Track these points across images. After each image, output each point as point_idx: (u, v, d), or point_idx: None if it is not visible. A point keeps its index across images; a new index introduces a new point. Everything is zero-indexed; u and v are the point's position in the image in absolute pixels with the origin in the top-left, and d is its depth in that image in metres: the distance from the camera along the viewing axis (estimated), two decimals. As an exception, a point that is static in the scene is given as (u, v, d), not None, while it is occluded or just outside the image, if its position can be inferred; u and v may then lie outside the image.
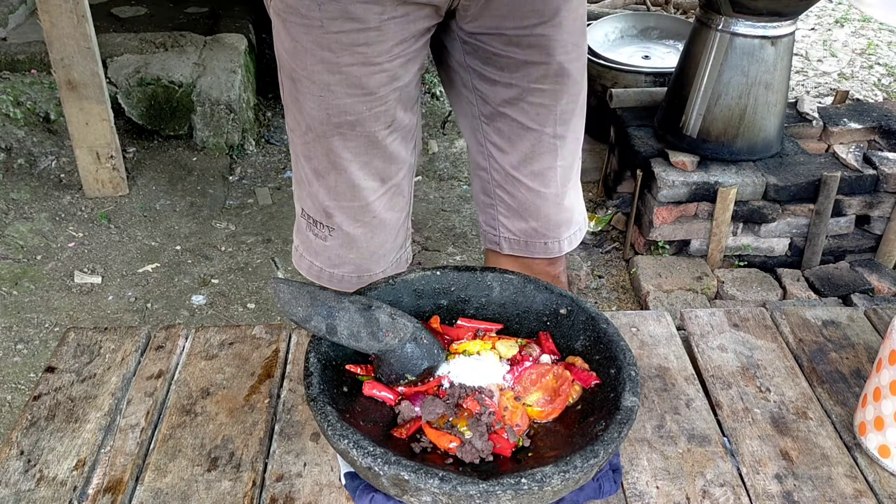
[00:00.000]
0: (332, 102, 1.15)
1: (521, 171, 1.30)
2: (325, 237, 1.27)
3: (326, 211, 1.24)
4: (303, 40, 1.12)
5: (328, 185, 1.22)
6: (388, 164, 1.24)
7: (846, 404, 1.03)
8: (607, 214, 2.99)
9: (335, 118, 1.16)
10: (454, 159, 3.36)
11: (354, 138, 1.19)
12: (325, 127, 1.17)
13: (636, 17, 3.59)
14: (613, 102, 2.97)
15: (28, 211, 3.01)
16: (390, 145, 1.22)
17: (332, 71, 1.13)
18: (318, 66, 1.12)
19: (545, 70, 1.21)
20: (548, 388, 0.90)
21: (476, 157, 1.36)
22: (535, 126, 1.26)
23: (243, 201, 3.19)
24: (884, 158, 2.71)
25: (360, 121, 1.17)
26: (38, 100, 3.28)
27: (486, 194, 1.37)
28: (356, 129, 1.18)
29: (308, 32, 1.11)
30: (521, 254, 1.38)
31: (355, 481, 0.86)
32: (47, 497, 0.87)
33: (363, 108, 1.16)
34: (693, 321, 1.18)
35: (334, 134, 1.17)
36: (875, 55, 4.57)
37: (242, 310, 2.62)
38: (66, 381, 1.04)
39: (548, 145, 1.28)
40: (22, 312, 2.55)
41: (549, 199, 1.33)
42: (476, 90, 1.26)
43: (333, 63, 1.12)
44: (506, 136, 1.28)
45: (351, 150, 1.19)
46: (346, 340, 0.88)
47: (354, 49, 1.11)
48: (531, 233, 1.36)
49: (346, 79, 1.13)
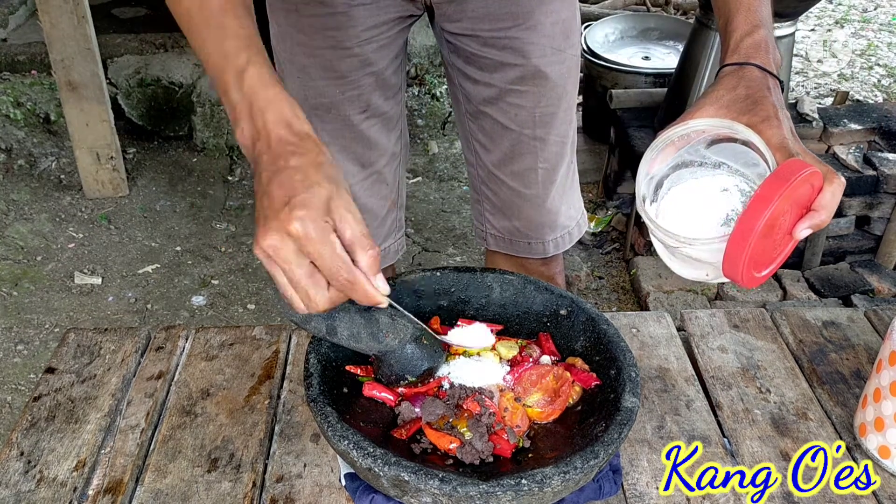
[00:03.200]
0: (308, 84, 1.20)
1: (503, 170, 1.32)
2: None
3: None
4: (283, 24, 1.18)
5: None
6: (366, 149, 1.26)
7: (846, 405, 1.03)
8: (607, 215, 2.99)
9: (312, 100, 1.21)
10: (454, 160, 3.36)
11: (331, 121, 1.22)
12: (305, 108, 1.20)
13: (636, 18, 3.59)
14: (613, 103, 2.97)
15: (28, 212, 3.01)
16: (367, 130, 1.24)
17: (307, 54, 1.17)
18: (295, 48, 1.18)
19: (521, 72, 1.22)
20: (548, 389, 0.90)
21: (466, 153, 1.39)
22: (514, 126, 1.27)
23: (243, 202, 3.19)
24: (884, 159, 2.71)
25: (334, 104, 1.21)
26: (38, 100, 3.28)
27: (475, 190, 1.41)
28: (331, 112, 1.21)
29: (287, 16, 1.17)
30: (506, 251, 1.41)
31: (355, 482, 0.86)
32: (47, 498, 0.87)
33: (336, 92, 1.19)
34: (693, 322, 1.18)
35: (312, 115, 1.21)
36: (875, 56, 4.57)
37: (242, 311, 2.62)
38: (66, 382, 1.04)
39: (527, 146, 1.29)
40: (22, 313, 2.55)
41: (531, 199, 1.34)
42: (461, 87, 1.29)
43: (308, 46, 1.17)
44: (488, 134, 1.30)
45: (329, 133, 1.23)
46: (346, 341, 0.88)
47: (325, 33, 1.15)
48: (514, 231, 1.38)
49: (320, 62, 1.18)
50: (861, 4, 5.31)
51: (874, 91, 4.14)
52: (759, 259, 0.77)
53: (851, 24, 5.01)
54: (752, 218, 0.73)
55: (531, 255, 1.40)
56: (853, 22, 5.05)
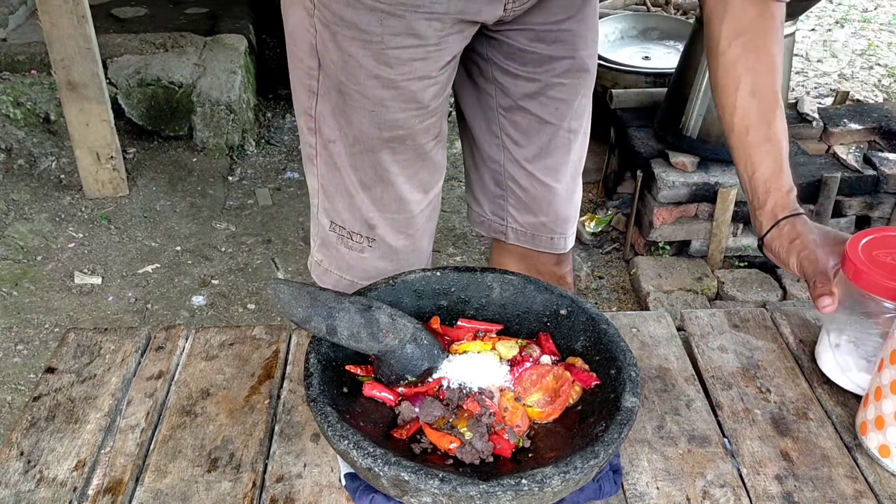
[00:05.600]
0: (384, 118, 1.13)
1: (536, 164, 1.31)
2: (361, 249, 1.24)
3: (369, 223, 1.22)
4: (358, 55, 1.08)
5: (374, 197, 1.20)
6: (431, 174, 1.24)
7: (846, 405, 1.03)
8: (607, 215, 2.99)
9: (386, 133, 1.14)
10: (454, 160, 3.36)
11: (404, 151, 1.17)
12: (375, 141, 1.15)
13: (636, 17, 3.59)
14: (614, 103, 2.97)
15: (28, 212, 3.01)
16: (435, 156, 1.22)
17: (387, 86, 1.10)
18: (371, 80, 1.10)
19: (569, 65, 1.22)
20: (548, 389, 0.90)
21: (488, 150, 1.35)
22: (554, 121, 1.26)
23: (243, 202, 3.19)
24: (884, 159, 2.71)
25: (411, 135, 1.16)
26: (38, 100, 3.28)
27: (497, 186, 1.37)
28: (406, 143, 1.16)
29: (365, 47, 1.08)
30: (527, 245, 1.39)
31: (355, 482, 0.86)
32: (47, 498, 0.87)
33: (416, 122, 1.15)
34: (693, 322, 1.18)
35: (384, 148, 1.15)
36: (875, 56, 4.57)
37: (242, 310, 2.62)
38: (66, 382, 1.04)
39: (563, 139, 1.29)
40: (22, 313, 2.55)
41: (560, 193, 1.34)
42: (496, 82, 1.26)
43: (390, 79, 1.10)
44: (522, 129, 1.28)
45: (399, 164, 1.18)
46: (346, 341, 0.88)
47: (412, 64, 1.09)
48: (539, 227, 1.37)
49: (402, 94, 1.11)
50: (861, 4, 5.31)
51: (874, 91, 4.14)
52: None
53: (851, 24, 5.01)
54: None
55: (553, 250, 1.39)
56: (853, 22, 5.05)
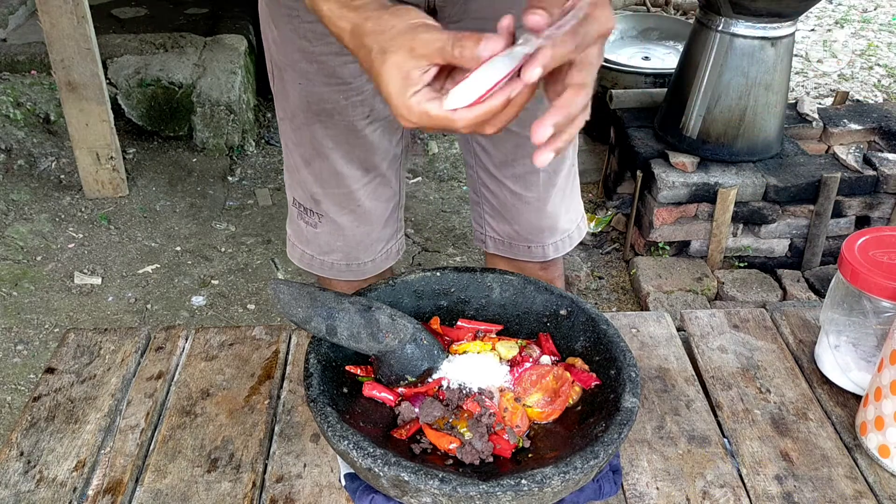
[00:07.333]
0: (311, 90, 1.18)
1: (504, 172, 1.32)
2: (315, 224, 1.31)
3: (314, 198, 1.28)
4: (285, 29, 1.16)
5: (315, 172, 1.26)
6: (369, 153, 1.26)
7: (846, 405, 1.03)
8: (607, 215, 2.99)
9: (315, 106, 1.20)
10: (454, 160, 3.36)
11: (334, 126, 1.21)
12: (308, 114, 1.20)
13: (636, 18, 3.60)
14: (613, 103, 2.97)
15: (28, 212, 3.01)
16: (370, 135, 1.24)
17: (309, 60, 1.16)
18: (297, 54, 1.16)
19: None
20: (548, 390, 0.90)
21: (465, 155, 1.38)
22: (516, 129, 1.26)
23: (243, 202, 3.19)
24: (884, 159, 2.71)
25: (337, 109, 1.20)
26: (38, 101, 3.28)
27: (474, 192, 1.40)
28: (335, 118, 1.21)
29: (289, 22, 1.15)
30: (505, 254, 1.41)
31: (355, 482, 0.86)
32: (47, 498, 0.87)
33: (340, 97, 1.18)
34: (693, 322, 1.18)
35: (315, 121, 1.20)
36: (875, 56, 4.57)
37: (242, 311, 2.62)
38: (65, 382, 1.04)
39: (529, 149, 1.28)
40: (22, 313, 2.55)
41: (531, 203, 1.33)
42: None
43: (310, 52, 1.16)
44: (489, 136, 1.29)
45: (332, 139, 1.22)
46: (346, 341, 0.88)
47: (327, 39, 1.13)
48: (514, 235, 1.38)
49: (323, 68, 1.16)
50: (861, 4, 5.31)
51: (874, 91, 4.14)
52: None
53: (851, 24, 5.01)
54: None
55: (531, 258, 1.39)
56: (853, 22, 5.05)
